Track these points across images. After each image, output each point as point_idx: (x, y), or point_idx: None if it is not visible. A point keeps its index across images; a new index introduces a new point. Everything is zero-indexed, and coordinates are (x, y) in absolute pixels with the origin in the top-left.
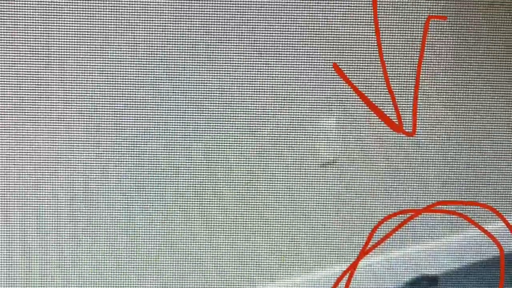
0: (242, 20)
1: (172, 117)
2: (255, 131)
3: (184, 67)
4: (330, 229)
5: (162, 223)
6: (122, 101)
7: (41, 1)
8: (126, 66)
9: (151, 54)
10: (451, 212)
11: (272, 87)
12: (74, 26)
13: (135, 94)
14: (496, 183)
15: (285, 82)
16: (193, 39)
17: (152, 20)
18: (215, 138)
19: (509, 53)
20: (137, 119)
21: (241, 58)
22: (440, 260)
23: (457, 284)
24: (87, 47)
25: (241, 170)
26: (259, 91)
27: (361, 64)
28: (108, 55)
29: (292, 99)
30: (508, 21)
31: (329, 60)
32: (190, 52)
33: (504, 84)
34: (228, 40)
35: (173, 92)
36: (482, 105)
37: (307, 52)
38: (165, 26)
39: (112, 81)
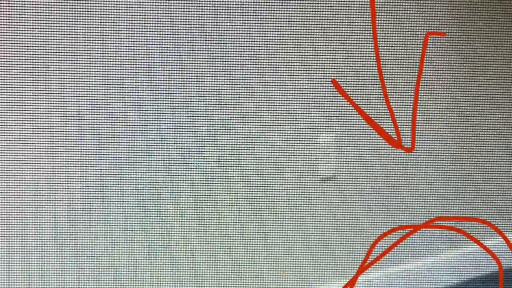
0: (242, 36)
1: (172, 132)
2: (254, 147)
3: (183, 82)
4: (329, 245)
5: (161, 236)
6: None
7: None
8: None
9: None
10: (449, 227)
11: (271, 103)
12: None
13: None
14: (495, 199)
15: (284, 98)
16: (193, 53)
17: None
18: (214, 155)
19: (508, 69)
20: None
21: (240, 74)
22: (439, 276)
23: None
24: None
25: (240, 186)
26: (259, 107)
27: (360, 80)
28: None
29: (291, 115)
30: (507, 37)
31: (328, 76)
32: (191, 66)
33: (503, 100)
34: (228, 55)
35: (173, 109)
36: (481, 121)
37: (306, 68)
38: (163, 38)
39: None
